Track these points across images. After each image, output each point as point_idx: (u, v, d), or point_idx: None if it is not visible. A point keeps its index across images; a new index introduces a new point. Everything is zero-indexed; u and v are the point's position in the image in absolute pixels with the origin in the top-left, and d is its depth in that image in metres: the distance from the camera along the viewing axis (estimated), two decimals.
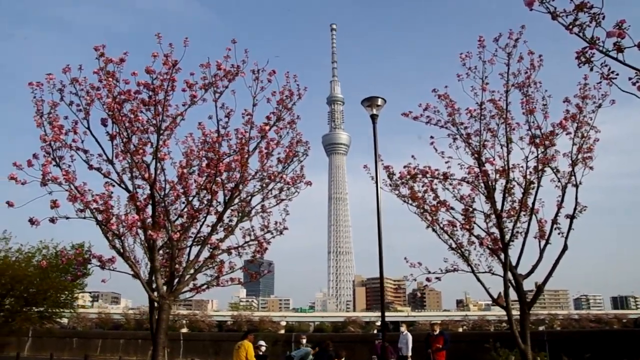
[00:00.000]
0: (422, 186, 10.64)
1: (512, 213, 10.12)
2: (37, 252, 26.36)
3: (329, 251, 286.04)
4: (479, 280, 10.39)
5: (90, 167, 8.97)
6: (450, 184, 10.77)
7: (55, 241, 27.35)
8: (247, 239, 10.35)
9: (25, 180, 7.82)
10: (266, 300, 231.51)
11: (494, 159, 9.91)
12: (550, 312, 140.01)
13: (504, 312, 10.70)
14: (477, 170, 10.27)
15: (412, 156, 11.06)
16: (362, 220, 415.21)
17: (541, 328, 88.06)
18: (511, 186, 9.91)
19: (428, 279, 10.91)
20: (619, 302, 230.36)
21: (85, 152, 8.89)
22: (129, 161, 9.27)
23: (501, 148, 9.95)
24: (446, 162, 10.55)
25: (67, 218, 7.93)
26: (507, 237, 9.89)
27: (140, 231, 10.47)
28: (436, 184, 10.69)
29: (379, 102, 10.68)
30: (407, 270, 10.71)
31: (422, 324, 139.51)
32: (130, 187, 9.24)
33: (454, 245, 10.55)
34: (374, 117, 10.55)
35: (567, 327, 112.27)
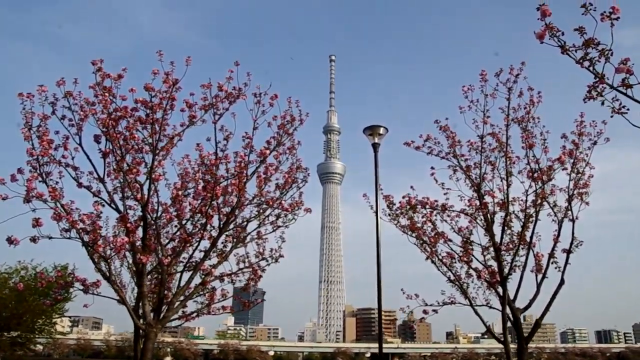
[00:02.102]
0: (422, 217, 10.45)
1: (510, 246, 9.99)
2: (15, 273, 25.20)
3: (320, 280, 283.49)
4: (477, 313, 10.15)
5: (80, 185, 8.70)
6: (449, 216, 10.64)
7: (36, 262, 26.12)
8: (241, 265, 10.07)
9: (7, 195, 7.50)
10: (254, 329, 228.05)
11: (493, 192, 9.79)
12: (537, 346, 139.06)
13: (493, 345, 10.56)
14: (476, 202, 10.13)
15: (411, 187, 10.97)
16: (354, 249, 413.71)
17: None
18: (510, 219, 9.76)
19: (425, 311, 10.66)
20: (603, 336, 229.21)
21: (75, 169, 8.65)
22: (121, 180, 9.03)
23: (501, 181, 9.87)
24: (445, 194, 10.46)
25: (50, 238, 7.55)
26: (506, 270, 9.69)
27: (128, 254, 10.18)
28: (435, 216, 10.52)
29: (381, 130, 10.55)
30: (398, 301, 10.48)
31: (412, 356, 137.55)
32: (121, 208, 8.96)
33: (452, 278, 10.31)
34: (375, 146, 10.39)
35: None
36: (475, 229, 10.55)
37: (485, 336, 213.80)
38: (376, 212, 10.27)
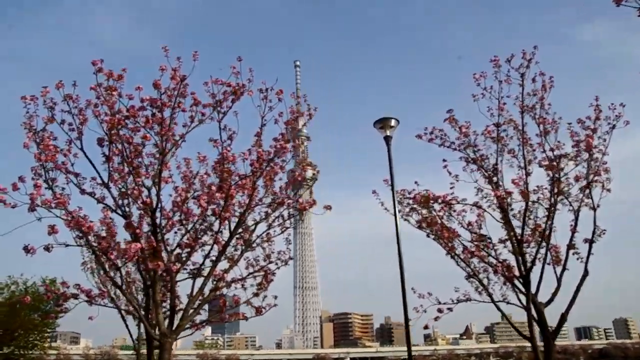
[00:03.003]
0: (439, 211, 10.16)
1: (529, 239, 9.74)
2: (6, 288, 24.22)
3: (295, 286, 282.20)
4: (500, 310, 9.88)
5: (83, 192, 8.20)
6: (454, 210, 10.40)
7: (25, 276, 25.20)
8: (250, 270, 9.66)
9: (16, 203, 7.02)
10: (232, 338, 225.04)
11: (517, 181, 9.52)
12: (518, 344, 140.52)
13: (472, 346, 10.32)
14: (490, 193, 9.88)
15: (416, 182, 10.74)
16: (328, 253, 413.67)
17: None
18: (531, 209, 9.53)
19: (440, 310, 10.41)
20: (583, 332, 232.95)
21: (77, 175, 8.16)
22: (125, 185, 8.57)
23: (520, 170, 9.60)
24: (451, 187, 10.19)
25: (67, 245, 7.13)
26: (529, 263, 9.45)
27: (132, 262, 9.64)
28: (447, 211, 10.25)
29: (392, 122, 10.21)
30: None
31: None
32: (126, 213, 8.48)
33: (471, 273, 10.06)
34: (387, 139, 10.04)
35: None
36: (484, 223, 10.38)
37: (464, 337, 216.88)
38: (394, 208, 9.87)
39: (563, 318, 9.22)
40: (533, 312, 9.33)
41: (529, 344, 10.17)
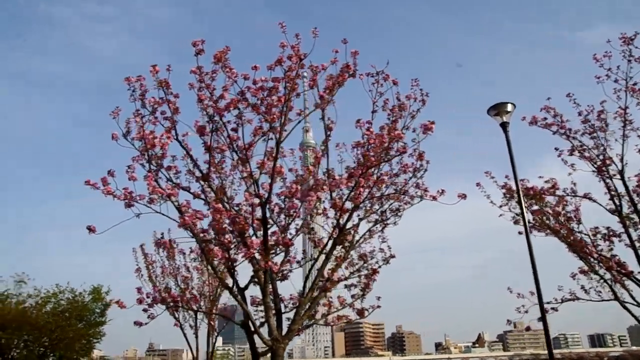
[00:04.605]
0: (557, 205, 9.44)
1: None
2: (53, 297, 23.34)
3: (305, 295, 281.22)
4: (625, 308, 9.10)
5: (177, 186, 7.54)
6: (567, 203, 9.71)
7: (72, 285, 24.15)
8: (350, 269, 8.96)
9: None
10: (243, 349, 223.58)
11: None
12: (532, 352, 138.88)
13: (486, 354, 9.57)
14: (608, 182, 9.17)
15: (506, 176, 10.07)
16: None
17: None
18: None
19: (547, 310, 9.74)
20: (597, 339, 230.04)
21: (169, 168, 7.56)
22: (222, 178, 7.98)
23: None
24: (546, 181, 9.49)
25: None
26: None
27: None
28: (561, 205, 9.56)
29: (509, 107, 9.44)
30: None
31: None
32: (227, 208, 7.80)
33: (588, 269, 9.36)
34: (505, 125, 9.28)
35: None
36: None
37: (476, 345, 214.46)
38: (520, 203, 8.98)
39: None
40: None
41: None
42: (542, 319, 8.19)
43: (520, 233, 11.44)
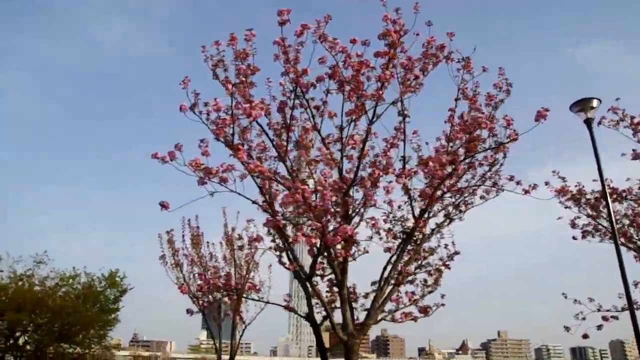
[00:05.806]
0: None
1: None
2: (70, 279, 22.67)
3: (290, 294, 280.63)
4: None
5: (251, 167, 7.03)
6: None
7: (88, 269, 23.64)
8: (415, 264, 8.50)
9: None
10: (227, 344, 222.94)
11: None
12: None
13: None
14: None
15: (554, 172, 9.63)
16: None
17: None
18: None
19: (604, 318, 9.42)
20: (578, 352, 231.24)
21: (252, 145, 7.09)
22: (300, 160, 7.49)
23: None
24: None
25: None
26: None
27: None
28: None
29: (594, 103, 9.03)
30: None
31: None
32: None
33: None
34: (589, 121, 8.86)
35: None
36: None
37: (460, 352, 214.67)
38: (606, 201, 8.60)
39: None
40: None
41: None
42: (633, 324, 7.77)
43: (574, 238, 11.16)
